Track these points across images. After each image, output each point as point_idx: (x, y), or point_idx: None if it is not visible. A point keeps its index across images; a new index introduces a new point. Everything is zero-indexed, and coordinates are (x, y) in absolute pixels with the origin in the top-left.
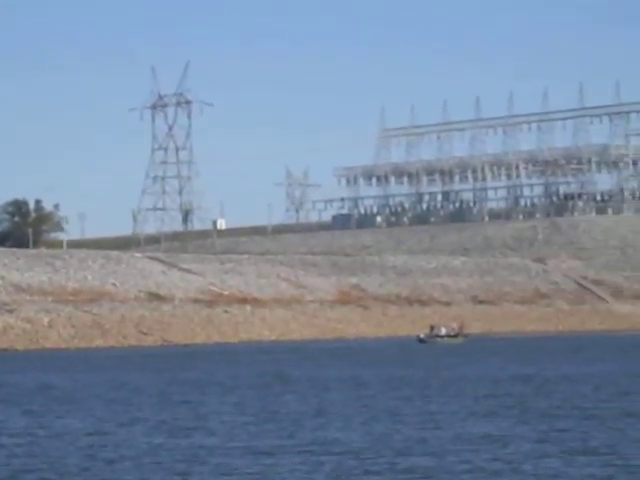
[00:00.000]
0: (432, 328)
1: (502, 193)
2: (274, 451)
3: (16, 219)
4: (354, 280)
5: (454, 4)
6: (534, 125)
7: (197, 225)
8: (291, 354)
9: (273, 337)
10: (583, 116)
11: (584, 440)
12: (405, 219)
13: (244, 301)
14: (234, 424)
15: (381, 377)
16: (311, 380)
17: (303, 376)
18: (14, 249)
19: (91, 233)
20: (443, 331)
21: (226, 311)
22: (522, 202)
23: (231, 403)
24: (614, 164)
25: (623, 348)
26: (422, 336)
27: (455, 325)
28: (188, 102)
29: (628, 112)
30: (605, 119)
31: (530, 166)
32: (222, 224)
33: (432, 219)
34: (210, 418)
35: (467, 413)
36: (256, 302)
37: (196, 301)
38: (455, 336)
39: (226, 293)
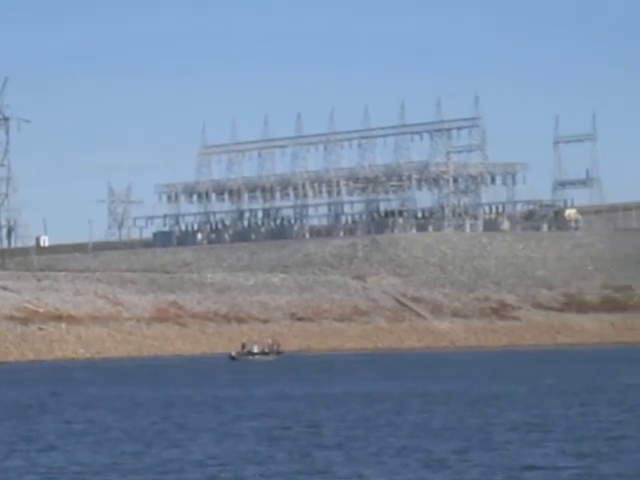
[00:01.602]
0: (244, 346)
1: (323, 210)
2: None
3: None
4: (172, 297)
5: (262, 22)
6: (355, 142)
7: (20, 242)
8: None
9: (88, 355)
10: (404, 133)
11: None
12: (226, 236)
13: (60, 318)
14: None
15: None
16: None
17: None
18: None
19: None
20: (255, 348)
21: (41, 328)
22: (343, 219)
23: None
24: (435, 181)
25: (428, 364)
26: (234, 354)
27: (270, 342)
28: (6, 119)
29: (449, 129)
30: (426, 136)
31: (351, 183)
32: (45, 241)
33: (253, 236)
34: None
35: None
36: (72, 319)
37: (11, 318)
38: (267, 353)
39: (42, 310)
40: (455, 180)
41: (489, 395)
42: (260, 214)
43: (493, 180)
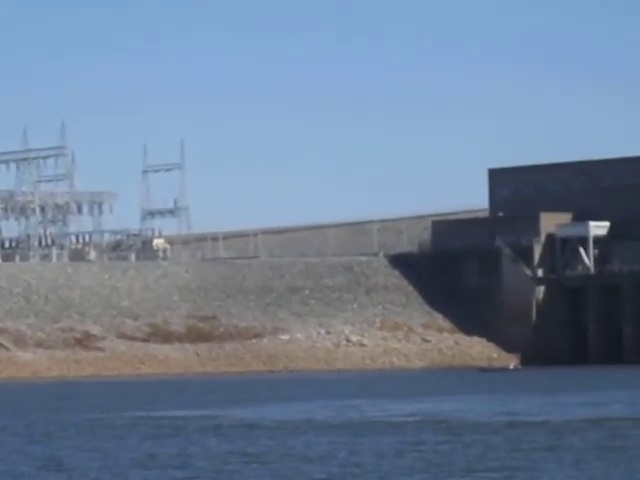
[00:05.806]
0: None
1: None
2: None
3: None
4: None
5: None
6: None
7: None
8: None
9: None
10: None
11: None
12: None
13: None
14: None
15: None
16: None
17: None
18: None
19: None
20: None
21: None
22: None
23: None
24: (21, 210)
25: None
26: None
27: None
28: None
29: (36, 158)
30: (12, 165)
31: None
32: None
33: None
34: None
35: None
36: None
37: None
38: None
39: None
40: (42, 209)
41: None
42: None
43: (80, 209)
